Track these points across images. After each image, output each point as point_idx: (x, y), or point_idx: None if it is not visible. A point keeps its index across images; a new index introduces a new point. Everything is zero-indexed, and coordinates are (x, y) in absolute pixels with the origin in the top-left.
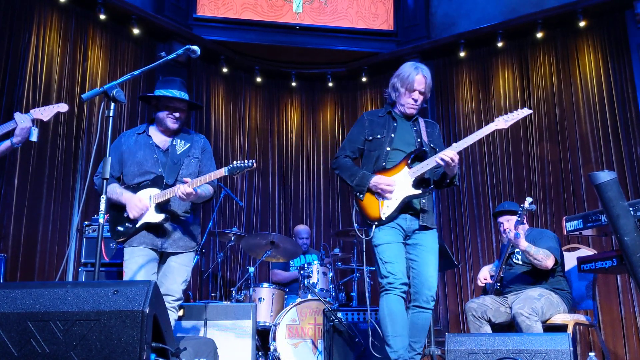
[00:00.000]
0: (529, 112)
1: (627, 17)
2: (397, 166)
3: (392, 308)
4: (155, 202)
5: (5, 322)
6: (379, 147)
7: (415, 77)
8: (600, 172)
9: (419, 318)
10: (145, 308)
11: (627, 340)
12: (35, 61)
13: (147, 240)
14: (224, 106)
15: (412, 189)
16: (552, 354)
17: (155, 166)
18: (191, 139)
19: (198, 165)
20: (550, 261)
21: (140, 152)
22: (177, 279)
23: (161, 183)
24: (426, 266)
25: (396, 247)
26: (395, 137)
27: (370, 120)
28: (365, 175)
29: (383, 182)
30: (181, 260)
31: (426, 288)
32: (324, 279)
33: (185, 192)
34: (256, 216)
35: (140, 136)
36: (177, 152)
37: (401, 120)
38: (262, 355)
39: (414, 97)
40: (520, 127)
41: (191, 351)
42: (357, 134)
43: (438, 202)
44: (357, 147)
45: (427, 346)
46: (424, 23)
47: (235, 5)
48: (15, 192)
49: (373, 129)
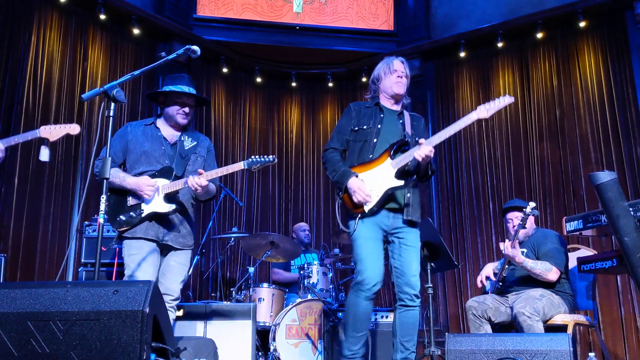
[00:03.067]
0: (511, 100)
1: (627, 18)
2: (380, 157)
3: (359, 309)
4: (164, 192)
5: (5, 322)
6: (365, 137)
7: (393, 61)
8: (600, 173)
9: (406, 317)
10: (145, 308)
11: (627, 340)
12: (35, 61)
13: (150, 231)
14: (224, 106)
15: (395, 180)
16: (552, 354)
17: (163, 158)
18: (197, 137)
19: (203, 163)
20: (553, 274)
21: (147, 143)
22: (177, 278)
23: (170, 174)
24: (409, 266)
25: (374, 244)
26: (382, 128)
27: (357, 110)
28: (345, 174)
29: (359, 189)
30: (180, 260)
31: (409, 287)
32: (324, 279)
33: (199, 184)
34: (256, 216)
35: (147, 127)
36: (185, 147)
37: (388, 112)
38: (262, 356)
39: (398, 74)
40: (520, 128)
41: (191, 351)
42: (345, 124)
43: (438, 202)
44: (346, 138)
45: (427, 346)
46: (424, 23)
47: (236, 6)
48: (15, 192)
49: (360, 120)
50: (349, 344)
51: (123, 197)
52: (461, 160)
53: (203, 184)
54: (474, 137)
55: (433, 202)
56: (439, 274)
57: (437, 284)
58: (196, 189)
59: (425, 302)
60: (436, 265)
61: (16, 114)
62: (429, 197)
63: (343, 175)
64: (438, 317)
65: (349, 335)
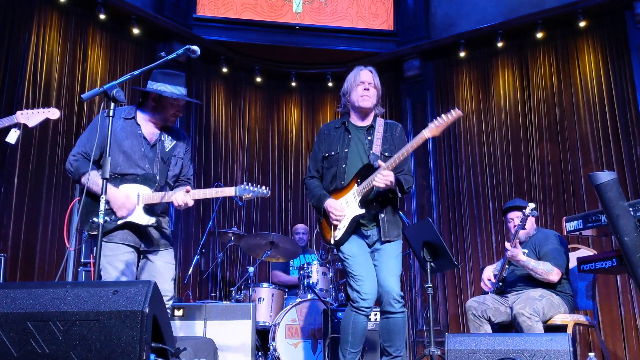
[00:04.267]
0: (460, 114)
1: (627, 18)
2: (349, 185)
3: (358, 327)
4: (145, 202)
5: (4, 322)
6: (335, 164)
7: (360, 72)
8: (600, 173)
9: (387, 323)
10: (145, 308)
11: (626, 340)
12: (35, 61)
13: (129, 237)
14: (223, 106)
15: (358, 209)
16: (552, 354)
17: (142, 161)
18: (177, 135)
19: (180, 169)
20: (554, 275)
21: (127, 142)
22: (167, 278)
23: (154, 183)
24: (387, 273)
25: (364, 259)
26: (349, 151)
27: (326, 134)
28: (322, 198)
29: (332, 208)
30: (167, 259)
31: (388, 295)
32: (323, 279)
33: (186, 202)
34: (256, 216)
35: (127, 122)
36: (166, 149)
37: (355, 131)
38: (262, 355)
39: (364, 86)
40: (520, 128)
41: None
42: (317, 151)
43: (438, 202)
44: (320, 164)
45: (427, 346)
46: (424, 23)
47: (235, 6)
48: (15, 192)
49: (330, 145)
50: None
51: (97, 200)
52: (461, 160)
53: (189, 204)
54: (473, 137)
55: (433, 202)
56: (439, 274)
57: (437, 284)
58: (180, 207)
59: (425, 302)
60: (436, 265)
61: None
62: (429, 197)
63: (320, 200)
64: (438, 317)
65: (348, 352)
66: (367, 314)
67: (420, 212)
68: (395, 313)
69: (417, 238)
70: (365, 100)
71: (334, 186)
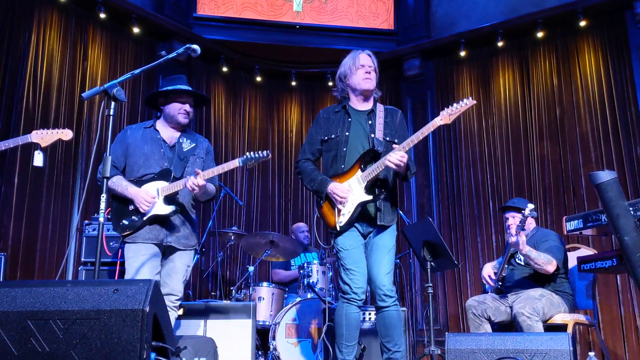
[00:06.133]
0: (473, 103)
1: (627, 17)
2: (352, 169)
3: (350, 317)
4: (163, 194)
5: (5, 320)
6: (335, 147)
7: (360, 55)
8: (600, 172)
9: (382, 318)
10: (145, 307)
11: (626, 340)
12: (35, 61)
13: (151, 235)
14: (224, 106)
15: (364, 195)
16: (552, 353)
17: (162, 160)
18: (196, 139)
19: (202, 165)
20: (551, 267)
21: (147, 146)
22: (181, 278)
23: (169, 176)
24: (379, 269)
25: (358, 252)
26: (350, 135)
27: (325, 118)
28: (324, 181)
29: (338, 190)
30: (184, 260)
31: (380, 291)
32: (323, 278)
33: (196, 184)
34: (256, 215)
35: (147, 130)
36: (184, 149)
37: (355, 115)
38: (262, 355)
39: (365, 69)
40: (521, 127)
41: (191, 350)
42: (314, 134)
43: (438, 201)
44: (317, 148)
45: (427, 345)
46: (424, 22)
47: (236, 5)
48: (15, 192)
49: (329, 128)
50: (345, 355)
51: (125, 203)
52: (461, 158)
53: (200, 184)
54: (474, 136)
55: (433, 201)
56: (439, 274)
57: (437, 284)
58: (193, 189)
59: (425, 301)
60: (436, 265)
61: (16, 113)
62: (429, 196)
63: (322, 184)
64: (438, 317)
65: (343, 346)
66: (359, 304)
67: (420, 211)
68: (388, 307)
69: (417, 237)
70: (368, 82)
71: (333, 170)
